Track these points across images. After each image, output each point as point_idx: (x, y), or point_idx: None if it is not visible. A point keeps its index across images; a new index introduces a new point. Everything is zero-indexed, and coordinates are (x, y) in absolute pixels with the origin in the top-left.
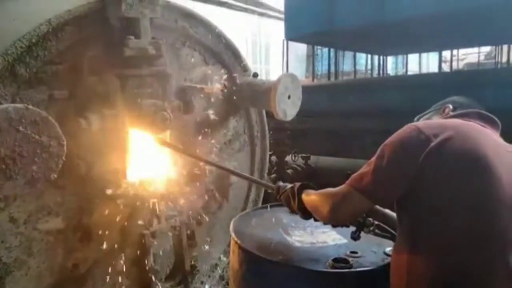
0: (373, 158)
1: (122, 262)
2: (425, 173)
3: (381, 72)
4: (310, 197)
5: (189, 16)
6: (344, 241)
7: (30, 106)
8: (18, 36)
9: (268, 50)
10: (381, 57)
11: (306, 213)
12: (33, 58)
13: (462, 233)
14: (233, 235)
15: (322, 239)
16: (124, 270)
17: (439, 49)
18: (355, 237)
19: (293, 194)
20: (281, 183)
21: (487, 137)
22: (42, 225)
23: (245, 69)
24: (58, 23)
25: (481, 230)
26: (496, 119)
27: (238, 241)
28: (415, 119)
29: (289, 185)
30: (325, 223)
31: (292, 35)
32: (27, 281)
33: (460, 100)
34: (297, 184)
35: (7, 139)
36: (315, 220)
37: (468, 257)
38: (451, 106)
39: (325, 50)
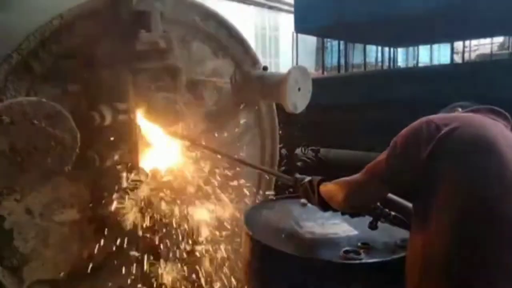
0: (387, 149)
1: (136, 252)
2: (435, 157)
3: (391, 64)
4: (326, 187)
5: (200, 9)
6: (355, 232)
7: (44, 100)
8: (31, 31)
9: (278, 44)
10: (392, 49)
11: (325, 206)
12: (46, 52)
13: (471, 210)
14: (245, 226)
15: (333, 230)
16: (138, 260)
17: (451, 40)
18: (372, 227)
19: (312, 188)
20: (298, 175)
21: (498, 128)
22: (58, 217)
23: (255, 62)
24: (70, 17)
25: (490, 206)
26: (507, 114)
27: (250, 232)
28: None
29: (307, 178)
30: (341, 211)
31: (301, 28)
32: (43, 271)
33: (468, 103)
34: (316, 178)
35: (22, 132)
36: (334, 211)
37: (480, 231)
38: (460, 110)
39: (335, 42)
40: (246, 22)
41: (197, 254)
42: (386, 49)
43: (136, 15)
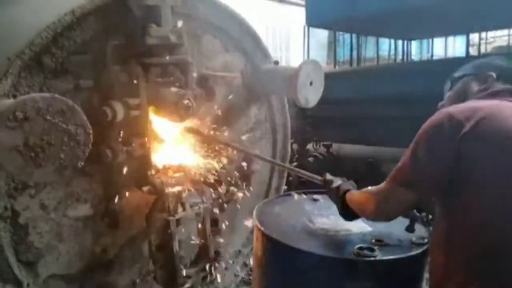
0: (408, 149)
1: (148, 248)
2: (461, 156)
3: (405, 57)
4: (353, 197)
5: (210, 3)
6: (369, 229)
7: (57, 95)
8: (43, 27)
9: (289, 38)
10: (405, 42)
11: (349, 217)
12: (58, 48)
13: (497, 205)
14: (256, 222)
15: (346, 227)
16: (150, 255)
17: (466, 31)
18: (410, 229)
19: (338, 196)
20: (328, 176)
21: None
22: (71, 212)
23: (266, 56)
24: (81, 13)
25: None
26: None
27: (262, 228)
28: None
29: (337, 181)
30: (374, 221)
31: (313, 21)
32: (58, 266)
33: (503, 65)
34: (343, 186)
35: (35, 128)
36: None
37: (508, 232)
38: (494, 75)
39: (347, 36)
40: (257, 16)
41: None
42: (399, 42)
43: (146, 9)
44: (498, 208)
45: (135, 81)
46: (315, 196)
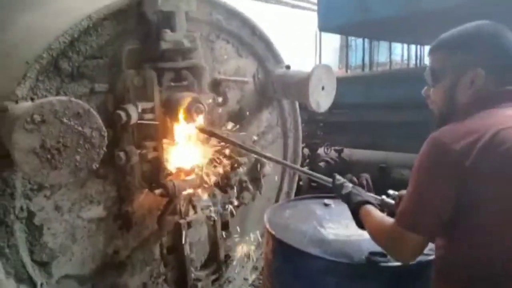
0: (409, 188)
1: (159, 250)
2: (465, 193)
3: (418, 62)
4: (368, 218)
5: (223, 8)
6: None
7: (74, 99)
8: (60, 31)
9: (301, 42)
10: (419, 47)
11: (362, 227)
12: (75, 52)
13: (504, 239)
14: (267, 225)
15: (358, 232)
16: (161, 257)
17: None
18: None
19: (349, 206)
20: (338, 177)
21: None
22: (85, 213)
23: (278, 60)
24: (98, 18)
25: None
26: None
27: (273, 232)
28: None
29: (347, 185)
30: None
31: (325, 26)
32: (71, 266)
33: (498, 48)
34: (354, 197)
35: (52, 131)
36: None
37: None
38: (483, 72)
39: (359, 40)
40: (269, 21)
41: None
42: (413, 47)
43: (161, 15)
44: (504, 243)
45: (148, 85)
46: (326, 201)
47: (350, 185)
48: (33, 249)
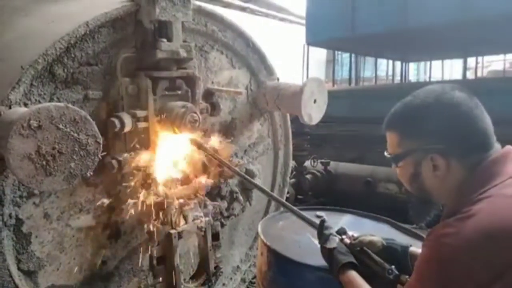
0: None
1: (148, 260)
2: None
3: (403, 79)
4: (350, 285)
5: (219, 20)
6: None
7: (70, 105)
8: (57, 37)
9: (288, 56)
10: (403, 64)
11: None
12: (70, 59)
13: None
14: (261, 236)
15: None
16: (150, 268)
17: (464, 55)
18: None
19: (330, 264)
20: (326, 224)
21: None
22: (74, 222)
23: (271, 72)
24: (95, 25)
25: None
26: None
27: (268, 243)
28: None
29: (333, 240)
30: None
31: (313, 40)
32: (58, 276)
33: (455, 126)
34: (338, 256)
35: (48, 137)
36: None
37: None
38: (440, 160)
39: (345, 55)
40: (258, 34)
41: None
42: (398, 63)
43: (158, 24)
44: None
45: (142, 94)
46: (318, 213)
47: (337, 239)
48: (20, 258)
